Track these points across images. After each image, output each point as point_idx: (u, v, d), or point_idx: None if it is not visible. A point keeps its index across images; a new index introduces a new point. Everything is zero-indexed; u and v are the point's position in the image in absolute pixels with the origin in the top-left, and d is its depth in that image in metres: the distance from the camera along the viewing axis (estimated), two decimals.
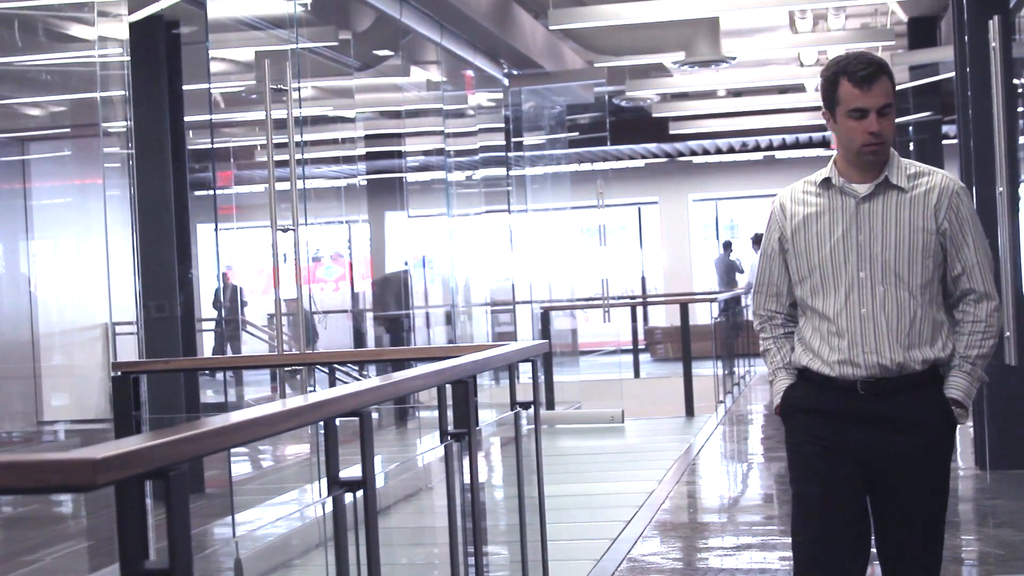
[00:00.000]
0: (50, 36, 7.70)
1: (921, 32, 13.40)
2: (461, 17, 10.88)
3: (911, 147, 14.53)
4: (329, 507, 2.84)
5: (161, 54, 8.61)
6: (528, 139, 15.42)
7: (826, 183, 3.41)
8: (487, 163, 13.68)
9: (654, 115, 17.75)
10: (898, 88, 14.29)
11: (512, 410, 4.42)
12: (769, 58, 14.74)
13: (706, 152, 22.32)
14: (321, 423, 2.82)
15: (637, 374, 15.58)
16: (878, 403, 3.34)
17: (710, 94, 17.39)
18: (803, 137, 20.79)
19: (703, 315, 16.05)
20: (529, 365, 4.77)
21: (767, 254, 3.53)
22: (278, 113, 6.22)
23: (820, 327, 3.39)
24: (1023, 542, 5.98)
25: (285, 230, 6.13)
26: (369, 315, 11.76)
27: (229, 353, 11.68)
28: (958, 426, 3.43)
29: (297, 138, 6.38)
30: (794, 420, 3.46)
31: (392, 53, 11.53)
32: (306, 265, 6.73)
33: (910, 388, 3.36)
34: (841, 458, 3.37)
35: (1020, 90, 7.85)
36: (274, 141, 6.12)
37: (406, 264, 12.43)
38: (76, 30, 7.60)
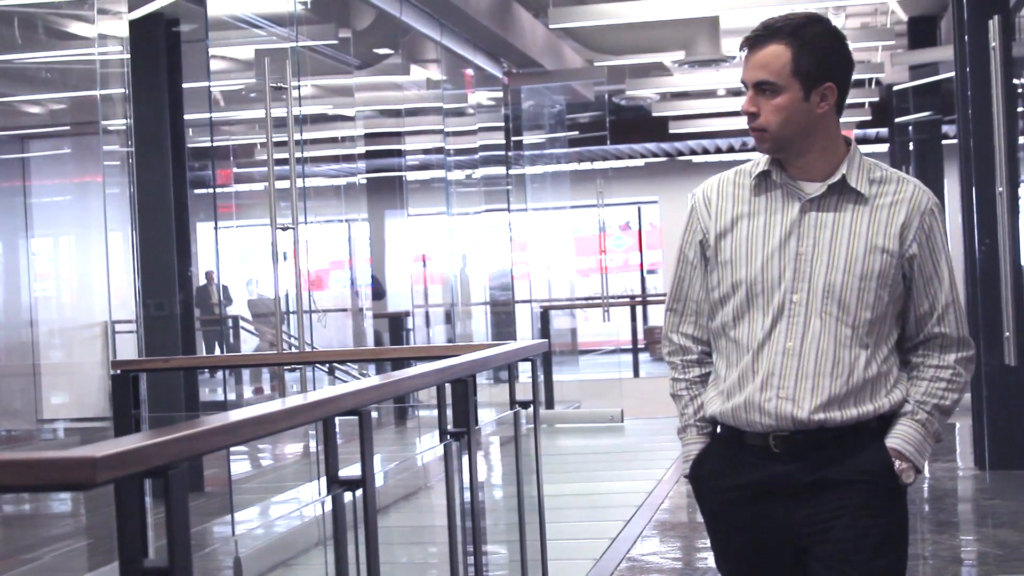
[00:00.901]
0: (50, 34, 7.70)
1: (921, 32, 13.40)
2: (461, 15, 10.88)
3: (911, 147, 14.54)
4: (328, 506, 2.84)
5: (161, 52, 8.60)
6: (528, 138, 15.42)
7: (764, 177, 2.67)
8: (487, 162, 13.68)
9: (654, 114, 17.76)
10: (898, 88, 14.24)
11: (511, 409, 4.42)
12: None
13: (706, 151, 22.33)
14: (320, 422, 2.82)
15: (637, 373, 15.58)
16: (797, 465, 2.61)
17: (710, 93, 17.39)
18: None
19: None
20: (528, 364, 4.77)
21: (686, 261, 2.75)
22: (278, 111, 6.22)
23: (739, 362, 2.64)
24: (1022, 542, 5.98)
25: (285, 228, 6.14)
26: (369, 314, 11.76)
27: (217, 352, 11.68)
28: (906, 487, 2.64)
29: (297, 136, 6.38)
30: (706, 500, 2.76)
31: (392, 51, 11.53)
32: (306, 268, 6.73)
33: (839, 440, 2.61)
34: (767, 552, 2.68)
35: (1020, 90, 7.85)
36: (274, 139, 6.12)
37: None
38: (76, 28, 7.60)
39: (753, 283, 2.62)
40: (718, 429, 2.74)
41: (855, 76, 17.04)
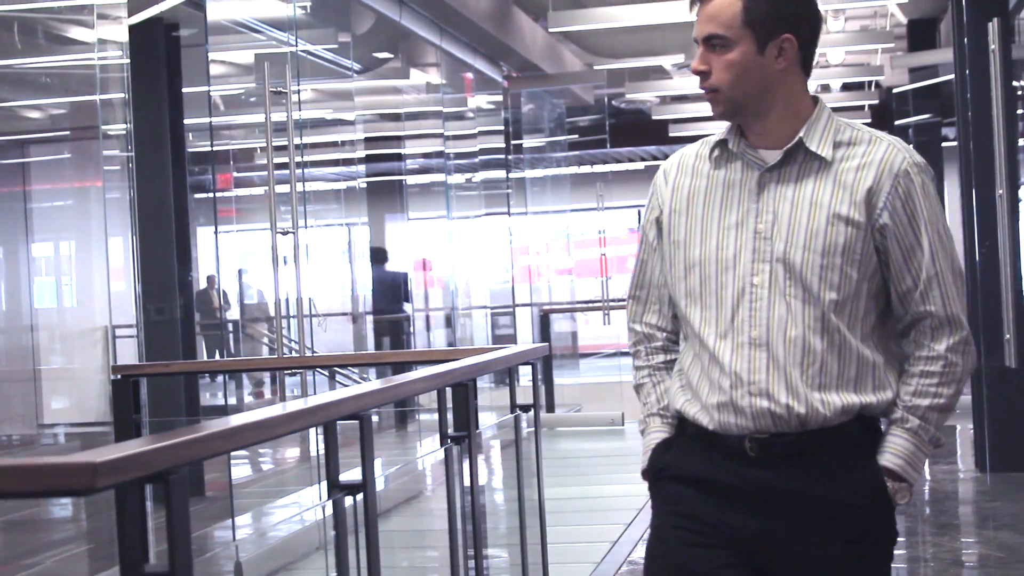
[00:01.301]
0: (50, 39, 7.70)
1: (921, 34, 13.41)
2: (461, 19, 10.88)
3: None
4: (329, 510, 2.84)
5: (161, 57, 8.61)
6: (528, 141, 15.43)
7: (722, 147, 2.39)
8: (487, 165, 13.69)
9: (654, 117, 17.76)
10: (898, 90, 14.19)
11: (512, 413, 4.42)
12: None
13: None
14: (321, 426, 2.82)
15: None
16: (775, 471, 2.30)
17: None
18: None
19: None
20: (529, 368, 4.77)
21: (647, 242, 2.48)
22: (278, 116, 6.23)
23: (701, 354, 2.35)
24: (1023, 545, 5.98)
25: (285, 233, 6.14)
26: (369, 318, 11.76)
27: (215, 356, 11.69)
28: (895, 508, 2.36)
29: (297, 141, 6.38)
30: (660, 491, 2.44)
31: (392, 56, 11.54)
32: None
33: (824, 448, 2.30)
34: (718, 551, 2.33)
35: (1020, 92, 7.85)
36: (274, 143, 6.12)
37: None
38: (76, 33, 7.60)
39: (706, 264, 2.33)
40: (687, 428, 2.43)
41: (855, 79, 16.93)
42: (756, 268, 2.30)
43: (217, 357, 11.54)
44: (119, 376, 4.43)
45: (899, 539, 2.44)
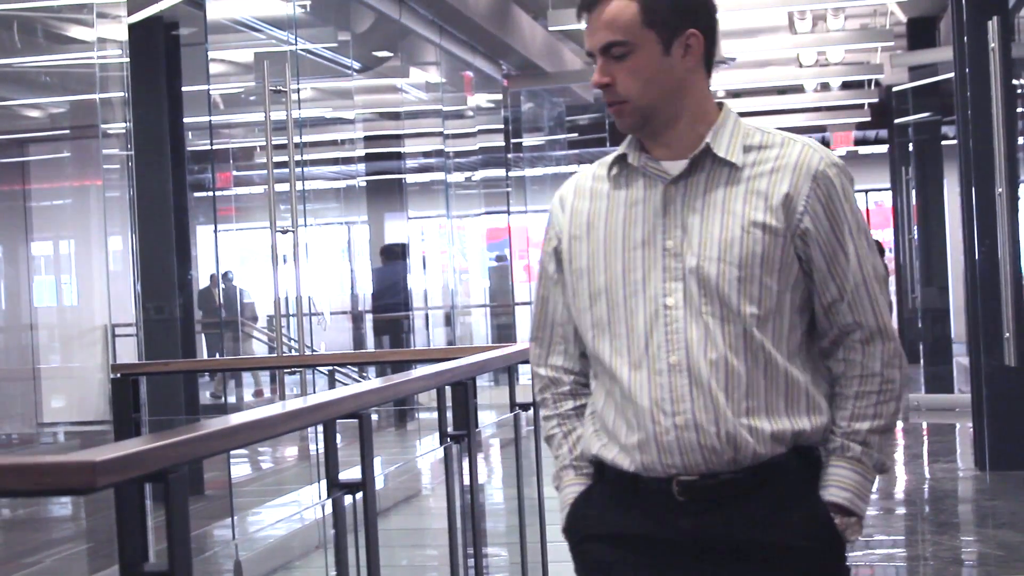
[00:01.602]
0: (49, 38, 7.70)
1: (920, 33, 13.41)
2: (460, 18, 10.88)
3: (911, 148, 14.55)
4: (329, 509, 2.84)
5: (160, 55, 8.61)
6: (527, 140, 15.43)
7: (621, 163, 2.19)
8: (486, 164, 13.69)
9: None
10: (898, 89, 14.17)
11: (512, 412, 4.42)
12: (768, 59, 14.76)
13: None
14: (321, 425, 2.82)
15: None
16: (709, 517, 2.09)
17: None
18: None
19: None
20: (529, 366, 4.77)
21: (546, 276, 2.28)
22: (277, 114, 6.23)
23: (613, 391, 2.14)
24: (1023, 543, 5.98)
25: (285, 231, 6.14)
26: (369, 316, 11.76)
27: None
28: (847, 546, 2.16)
29: (296, 139, 6.39)
30: (583, 556, 2.24)
31: (391, 54, 11.54)
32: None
33: (760, 487, 2.09)
34: None
35: (1019, 91, 7.86)
36: (273, 142, 6.12)
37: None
38: (75, 32, 7.60)
39: (613, 290, 2.13)
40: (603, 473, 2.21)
41: (854, 77, 16.90)
42: (668, 288, 2.10)
43: (216, 356, 11.54)
44: (119, 375, 4.42)
45: (898, 538, 2.43)
